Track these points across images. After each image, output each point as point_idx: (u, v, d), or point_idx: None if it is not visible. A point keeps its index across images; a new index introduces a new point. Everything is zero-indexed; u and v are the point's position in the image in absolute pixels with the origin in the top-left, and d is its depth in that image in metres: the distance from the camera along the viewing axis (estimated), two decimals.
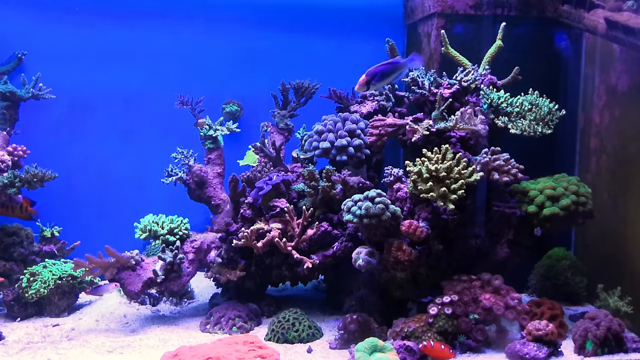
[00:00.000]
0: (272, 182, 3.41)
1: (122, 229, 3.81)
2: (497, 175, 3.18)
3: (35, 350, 2.96)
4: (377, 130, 3.42)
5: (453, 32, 3.81)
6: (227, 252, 3.42)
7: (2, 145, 3.73)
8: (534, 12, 3.85)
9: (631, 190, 3.36)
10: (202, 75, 4.30)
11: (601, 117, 3.67)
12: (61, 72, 4.11)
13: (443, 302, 2.96)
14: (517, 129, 3.22)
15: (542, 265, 3.73)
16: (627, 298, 3.24)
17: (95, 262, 3.21)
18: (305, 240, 3.28)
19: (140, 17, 4.25)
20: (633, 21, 3.17)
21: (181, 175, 3.88)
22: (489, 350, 2.96)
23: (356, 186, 3.28)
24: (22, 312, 3.42)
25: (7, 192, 3.52)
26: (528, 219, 3.23)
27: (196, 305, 3.69)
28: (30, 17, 4.12)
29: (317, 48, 4.41)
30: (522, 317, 3.00)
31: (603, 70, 3.67)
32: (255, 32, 4.36)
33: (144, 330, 3.25)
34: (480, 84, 3.45)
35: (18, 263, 3.61)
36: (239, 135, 4.18)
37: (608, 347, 2.86)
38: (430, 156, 3.06)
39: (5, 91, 3.79)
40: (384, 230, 3.05)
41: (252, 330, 3.24)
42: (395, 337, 2.92)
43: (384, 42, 3.85)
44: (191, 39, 4.31)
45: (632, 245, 3.32)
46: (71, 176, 4.13)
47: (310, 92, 4.01)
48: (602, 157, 3.66)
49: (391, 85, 3.76)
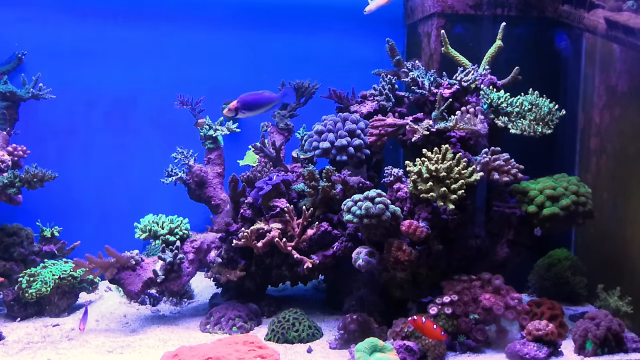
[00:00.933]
0: (272, 182, 3.41)
1: (122, 229, 3.81)
2: (497, 175, 3.18)
3: (35, 350, 2.96)
4: (377, 130, 3.41)
5: (453, 32, 3.81)
6: (227, 252, 3.42)
7: (2, 145, 3.73)
8: (534, 12, 3.85)
9: (631, 190, 3.36)
10: (202, 75, 4.30)
11: (601, 117, 3.67)
12: (61, 72, 4.11)
13: (443, 302, 2.96)
14: (517, 129, 3.22)
15: (542, 265, 3.73)
16: (627, 298, 3.24)
17: (95, 262, 3.21)
18: (305, 240, 3.28)
19: (140, 17, 4.25)
20: (633, 21, 3.17)
21: (181, 175, 3.88)
22: (489, 350, 2.96)
23: (356, 186, 3.28)
24: (22, 312, 3.42)
25: (7, 192, 3.52)
26: (528, 219, 3.23)
27: (196, 305, 3.69)
28: (30, 17, 4.12)
29: (317, 48, 4.41)
30: (522, 317, 3.00)
31: (603, 70, 3.66)
32: (255, 32, 4.36)
33: (144, 330, 3.25)
34: (480, 84, 3.45)
35: (18, 263, 3.61)
36: (239, 135, 4.18)
37: (608, 347, 2.87)
38: (430, 156, 3.06)
39: (5, 91, 3.78)
40: (384, 230, 3.05)
41: (252, 330, 3.24)
42: (395, 337, 2.92)
43: (384, 42, 3.86)
44: (191, 39, 4.31)
45: (632, 245, 3.31)
46: (71, 176, 4.13)
47: (310, 92, 4.01)
48: (602, 157, 3.66)
49: (391, 84, 3.75)
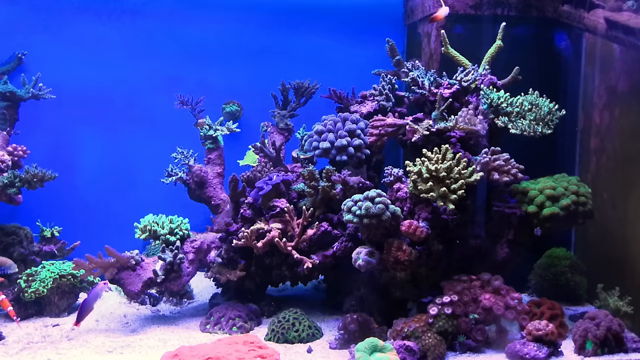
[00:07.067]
0: (272, 182, 3.41)
1: (122, 229, 3.81)
2: (497, 175, 3.18)
3: (35, 350, 2.96)
4: (377, 130, 3.41)
5: (453, 32, 3.81)
6: (227, 252, 3.42)
7: (2, 145, 3.73)
8: (534, 12, 3.85)
9: (631, 190, 3.36)
10: (202, 75, 4.30)
11: (601, 117, 3.67)
12: (61, 72, 4.11)
13: (443, 302, 2.96)
14: (517, 129, 3.22)
15: (542, 265, 3.73)
16: (627, 298, 3.24)
17: (95, 262, 3.21)
18: (305, 240, 3.28)
19: (140, 16, 4.25)
20: (633, 21, 3.17)
21: (181, 175, 3.88)
22: (489, 350, 2.96)
23: (356, 186, 3.28)
24: (22, 312, 3.42)
25: (7, 192, 3.52)
26: (528, 219, 3.23)
27: (196, 305, 3.69)
28: (30, 17, 4.12)
29: (317, 48, 4.41)
30: (522, 317, 2.99)
31: (603, 70, 3.66)
32: (255, 32, 4.36)
33: (144, 330, 3.25)
34: (480, 84, 3.45)
35: (18, 263, 3.60)
36: (239, 135, 4.18)
37: (608, 347, 2.86)
38: (430, 156, 3.06)
39: (5, 91, 3.78)
40: (384, 230, 3.05)
41: (252, 330, 3.24)
42: (395, 337, 2.92)
43: (384, 42, 3.86)
44: (192, 40, 4.31)
45: (632, 246, 3.31)
46: (71, 176, 4.14)
47: (310, 92, 4.01)
48: (602, 157, 3.66)
49: (391, 84, 3.76)
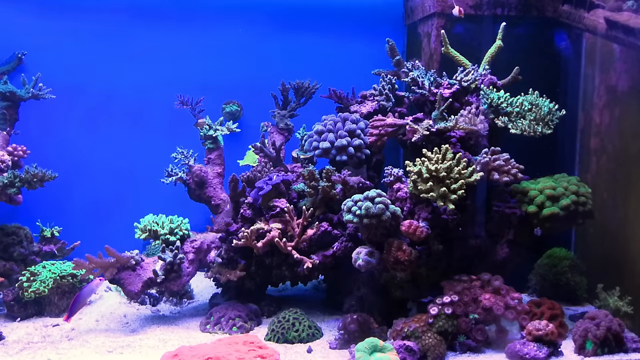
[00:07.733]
0: (272, 182, 3.41)
1: (122, 229, 3.81)
2: (497, 175, 3.18)
3: (35, 350, 2.96)
4: (377, 130, 3.41)
5: (453, 32, 3.81)
6: (227, 252, 3.42)
7: (2, 145, 3.73)
8: (534, 12, 3.85)
9: (631, 190, 3.36)
10: (202, 75, 4.30)
11: (601, 117, 3.67)
12: (61, 72, 4.11)
13: (443, 302, 2.96)
14: (517, 129, 3.22)
15: (542, 265, 3.73)
16: (627, 298, 3.24)
17: (95, 262, 3.21)
18: (305, 240, 3.28)
19: (140, 17, 4.25)
20: (633, 21, 3.17)
21: (181, 175, 3.88)
22: (489, 350, 2.96)
23: (356, 186, 3.28)
24: (22, 312, 3.42)
25: (7, 192, 3.52)
26: (528, 219, 3.23)
27: (196, 305, 3.69)
28: (30, 17, 4.12)
29: (317, 48, 4.41)
30: (522, 317, 2.99)
31: (603, 70, 3.66)
32: (255, 32, 4.36)
33: (144, 330, 3.25)
34: (480, 84, 3.45)
35: (18, 263, 3.61)
36: (239, 135, 4.18)
37: (608, 347, 2.86)
38: (430, 156, 3.06)
39: (5, 91, 3.78)
40: (384, 230, 3.05)
41: (252, 330, 3.24)
42: (395, 337, 2.92)
43: (384, 42, 3.86)
44: (192, 40, 4.31)
45: (632, 245, 3.31)
46: (71, 176, 4.13)
47: (310, 92, 4.01)
48: (602, 157, 3.65)
49: (391, 84, 3.76)
